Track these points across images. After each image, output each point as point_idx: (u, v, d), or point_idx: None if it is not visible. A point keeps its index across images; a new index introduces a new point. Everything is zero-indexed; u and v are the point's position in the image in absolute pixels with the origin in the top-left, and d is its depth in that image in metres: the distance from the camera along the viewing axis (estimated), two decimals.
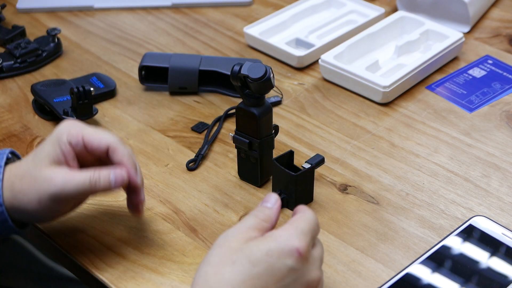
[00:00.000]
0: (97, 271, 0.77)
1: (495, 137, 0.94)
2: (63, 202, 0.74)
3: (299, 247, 0.64)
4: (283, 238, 0.64)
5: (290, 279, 0.64)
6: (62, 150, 0.74)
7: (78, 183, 0.73)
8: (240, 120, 0.84)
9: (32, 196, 0.73)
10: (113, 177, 0.74)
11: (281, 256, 0.63)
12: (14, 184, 0.74)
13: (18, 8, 1.23)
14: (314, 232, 0.67)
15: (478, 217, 0.81)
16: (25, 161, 0.76)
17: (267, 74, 0.79)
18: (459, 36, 1.07)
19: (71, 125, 0.76)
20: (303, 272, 0.64)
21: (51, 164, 0.73)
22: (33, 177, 0.73)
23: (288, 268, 0.63)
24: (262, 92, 0.81)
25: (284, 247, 0.63)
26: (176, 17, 1.21)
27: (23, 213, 0.74)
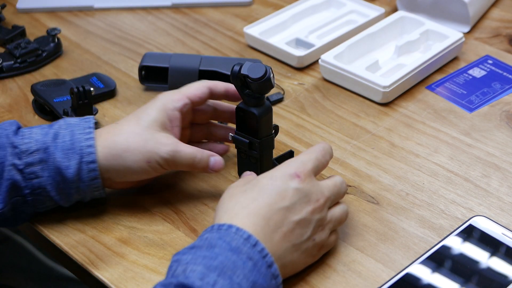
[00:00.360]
0: (97, 271, 0.77)
1: (495, 137, 0.94)
2: (167, 167, 0.80)
3: (297, 171, 0.73)
4: (284, 167, 0.74)
5: (295, 198, 0.72)
6: (169, 116, 0.81)
7: (186, 155, 0.80)
8: (240, 120, 0.84)
9: (141, 156, 0.79)
10: (213, 162, 0.82)
11: (284, 179, 0.72)
12: (117, 143, 0.79)
13: (18, 8, 1.23)
14: (317, 162, 0.76)
15: (478, 217, 0.81)
16: (125, 123, 0.81)
17: (267, 74, 0.79)
18: (459, 36, 1.07)
19: (171, 93, 0.83)
20: (305, 192, 0.72)
21: (160, 129, 0.80)
22: (143, 139, 0.79)
23: (291, 189, 0.72)
24: (262, 92, 0.81)
25: (284, 172, 0.73)
26: (176, 17, 1.21)
27: (122, 171, 0.79)
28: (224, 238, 0.68)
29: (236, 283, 0.65)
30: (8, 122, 0.81)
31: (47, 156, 0.78)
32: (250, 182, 0.73)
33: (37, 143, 0.78)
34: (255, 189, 0.72)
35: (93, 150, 0.78)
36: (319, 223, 0.73)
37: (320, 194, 0.74)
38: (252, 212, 0.70)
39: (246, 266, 0.66)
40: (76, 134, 0.79)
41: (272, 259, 0.68)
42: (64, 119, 0.81)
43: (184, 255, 0.67)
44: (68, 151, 0.78)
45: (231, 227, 0.68)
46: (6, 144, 0.78)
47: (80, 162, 0.78)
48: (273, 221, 0.70)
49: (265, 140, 0.83)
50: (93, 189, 0.80)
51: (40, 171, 0.78)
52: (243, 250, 0.67)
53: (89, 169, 0.78)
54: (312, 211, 0.72)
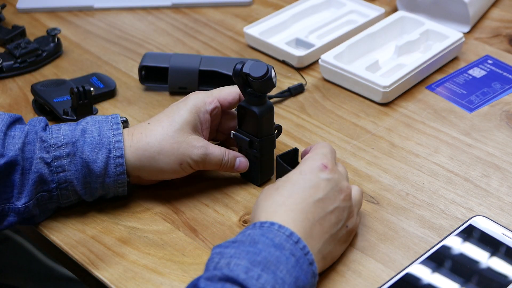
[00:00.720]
0: (97, 271, 0.77)
1: (495, 137, 0.94)
2: (197, 168, 0.82)
3: (324, 162, 0.75)
4: (310, 160, 0.75)
5: (328, 188, 0.73)
6: (201, 119, 0.83)
7: (215, 158, 0.82)
8: (241, 118, 0.84)
9: (174, 158, 0.80)
10: (238, 163, 0.85)
11: (313, 171, 0.74)
12: (150, 144, 0.80)
13: (18, 8, 1.23)
14: (333, 153, 0.78)
15: (478, 217, 0.81)
16: (158, 124, 0.82)
17: (268, 73, 0.79)
18: (459, 36, 1.07)
19: (203, 95, 0.84)
20: (335, 181, 0.74)
21: (191, 132, 0.82)
22: (176, 141, 0.80)
23: (323, 179, 0.73)
24: (264, 91, 0.81)
25: (313, 165, 0.74)
26: (176, 17, 1.21)
27: (153, 171, 0.81)
28: (267, 234, 0.68)
29: (280, 278, 0.65)
30: (36, 119, 0.82)
31: (75, 150, 0.79)
32: (281, 180, 0.75)
33: (66, 138, 0.79)
34: (288, 185, 0.73)
35: (121, 145, 0.79)
36: (350, 210, 0.75)
37: (346, 181, 0.76)
38: (290, 208, 0.71)
39: (289, 262, 0.67)
40: (104, 130, 0.80)
41: (313, 257, 0.69)
42: (91, 116, 0.82)
43: (227, 248, 0.67)
44: (96, 145, 0.79)
45: (273, 224, 0.69)
46: (35, 139, 0.79)
47: (108, 157, 0.79)
48: (311, 214, 0.72)
49: (265, 139, 0.84)
50: (118, 184, 0.81)
51: (68, 164, 0.79)
52: (286, 246, 0.68)
53: (116, 164, 0.79)
54: (344, 198, 0.74)
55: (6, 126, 0.79)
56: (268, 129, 0.84)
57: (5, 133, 0.78)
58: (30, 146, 0.78)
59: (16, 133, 0.79)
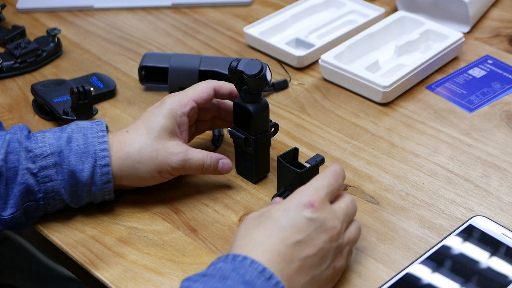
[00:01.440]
0: (97, 271, 0.77)
1: (495, 137, 0.94)
2: (177, 173, 0.82)
3: (311, 200, 0.70)
4: (297, 195, 0.71)
5: (311, 228, 0.69)
6: (178, 123, 0.82)
7: (195, 163, 0.82)
8: (237, 115, 0.84)
9: (153, 166, 0.80)
10: (221, 165, 0.84)
11: (298, 209, 0.69)
12: (129, 154, 0.80)
13: (18, 8, 1.23)
14: (331, 187, 0.72)
15: (478, 217, 0.81)
16: (136, 132, 0.81)
17: (263, 71, 0.79)
18: (459, 36, 1.07)
19: (178, 97, 0.83)
20: (321, 221, 0.69)
21: (169, 138, 0.81)
22: (155, 150, 0.80)
23: (306, 219, 0.69)
24: (258, 89, 0.81)
25: (298, 202, 0.70)
26: (176, 17, 1.21)
27: (134, 179, 0.81)
28: (238, 270, 0.65)
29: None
30: (17, 127, 0.80)
31: (62, 160, 0.78)
32: (264, 215, 0.70)
33: (51, 147, 0.78)
34: (269, 223, 0.69)
35: (107, 153, 0.79)
36: (338, 250, 0.71)
37: (336, 221, 0.71)
38: (267, 249, 0.67)
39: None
40: (90, 137, 0.80)
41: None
42: (76, 123, 0.82)
43: (196, 283, 0.64)
44: (82, 154, 0.79)
45: (246, 259, 0.66)
46: (19, 148, 0.78)
47: (94, 166, 0.79)
48: (289, 256, 0.67)
49: (260, 137, 0.84)
50: (105, 192, 0.81)
51: (54, 174, 0.78)
52: (257, 283, 0.64)
53: (102, 173, 0.79)
54: (329, 239, 0.70)
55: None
56: (263, 127, 0.84)
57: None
58: (13, 155, 0.77)
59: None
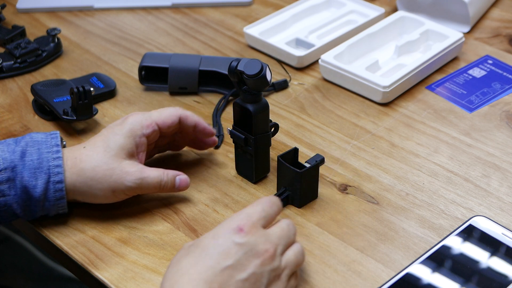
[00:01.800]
0: (97, 271, 0.77)
1: (495, 137, 0.94)
2: (132, 193, 0.81)
3: (241, 224, 0.69)
4: (227, 221, 0.70)
5: (240, 253, 0.67)
6: (137, 143, 0.81)
7: (152, 181, 0.81)
8: (236, 115, 0.84)
9: (106, 185, 0.79)
10: (178, 181, 0.83)
11: (226, 235, 0.68)
12: (84, 170, 0.79)
13: (18, 8, 1.23)
14: (264, 213, 0.71)
15: (478, 217, 0.81)
16: (93, 149, 0.80)
17: (263, 71, 0.79)
18: (459, 36, 1.07)
19: (141, 117, 0.82)
20: (251, 245, 0.68)
21: (126, 157, 0.80)
22: (110, 168, 0.79)
23: (235, 244, 0.67)
24: (258, 89, 0.81)
25: (227, 228, 0.69)
26: (176, 17, 1.21)
27: (87, 196, 0.80)
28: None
29: None
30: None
31: (15, 175, 0.78)
32: (194, 243, 0.69)
33: (5, 162, 0.78)
34: (197, 251, 0.68)
35: (61, 170, 0.78)
36: (274, 273, 0.69)
37: (268, 244, 0.69)
38: (193, 277, 0.66)
39: None
40: (44, 152, 0.79)
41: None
42: (30, 135, 0.81)
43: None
44: (35, 170, 0.78)
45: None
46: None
47: (48, 182, 0.78)
48: (217, 284, 0.66)
49: (260, 137, 0.84)
50: (58, 207, 0.80)
51: (7, 189, 0.78)
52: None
53: (56, 189, 0.78)
54: (261, 263, 0.68)
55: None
56: (263, 127, 0.84)
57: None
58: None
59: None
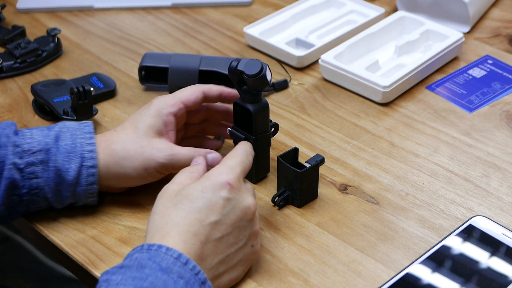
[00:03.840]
0: (97, 271, 0.77)
1: (495, 137, 0.94)
2: (165, 171, 0.82)
3: (229, 179, 0.72)
4: (214, 175, 0.72)
5: (228, 208, 0.71)
6: (164, 121, 0.82)
7: (183, 158, 0.81)
8: (236, 115, 0.84)
9: (138, 163, 0.80)
10: (211, 159, 0.82)
11: (215, 190, 0.71)
12: (116, 151, 0.80)
13: (18, 8, 1.23)
14: (243, 164, 0.75)
15: (478, 217, 0.81)
16: (123, 131, 0.82)
17: (263, 71, 0.79)
18: (459, 36, 1.07)
19: (165, 98, 0.84)
20: (238, 200, 0.72)
21: (155, 135, 0.81)
22: (140, 146, 0.80)
23: (223, 199, 0.71)
24: (258, 89, 0.81)
25: (216, 182, 0.71)
26: (176, 17, 1.21)
27: (120, 178, 0.81)
28: (154, 258, 0.66)
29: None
30: (5, 123, 0.81)
31: (49, 157, 0.78)
32: (181, 193, 0.72)
33: (40, 144, 0.79)
34: (186, 203, 0.70)
35: (94, 155, 0.79)
36: (254, 228, 0.73)
37: (250, 198, 0.73)
38: (183, 230, 0.69)
39: (177, 285, 0.65)
40: (77, 138, 0.80)
41: (205, 275, 0.67)
42: (64, 123, 0.82)
43: (114, 275, 0.65)
44: (69, 154, 0.79)
45: (161, 247, 0.67)
46: (7, 143, 0.78)
47: (81, 166, 0.79)
48: (205, 236, 0.69)
49: (260, 137, 0.84)
50: (88, 194, 0.81)
51: (41, 171, 0.78)
52: (174, 269, 0.66)
53: (89, 174, 0.79)
54: (246, 218, 0.72)
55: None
56: (263, 127, 0.84)
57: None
58: (2, 149, 0.78)
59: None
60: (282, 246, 0.79)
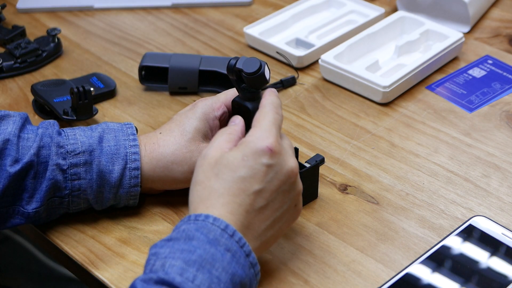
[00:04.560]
0: (97, 271, 0.77)
1: (495, 137, 0.94)
2: None
3: (269, 144, 0.70)
4: (253, 142, 0.71)
5: (271, 174, 0.70)
6: (210, 126, 0.82)
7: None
8: (235, 113, 0.84)
9: (187, 167, 0.80)
10: None
11: (256, 157, 0.70)
12: (164, 155, 0.80)
13: (18, 8, 1.23)
14: (276, 121, 0.73)
15: (478, 217, 0.81)
16: (170, 133, 0.81)
17: (261, 69, 0.79)
18: (459, 36, 1.07)
19: (210, 101, 0.83)
20: (280, 164, 0.71)
21: (202, 140, 0.81)
22: (189, 150, 0.80)
23: (265, 165, 0.70)
24: (256, 86, 0.81)
25: (256, 149, 0.70)
26: (176, 17, 1.21)
27: (167, 181, 0.81)
28: (202, 229, 0.67)
29: (216, 277, 0.65)
30: (47, 122, 0.81)
31: (92, 159, 0.78)
32: (221, 162, 0.71)
33: (83, 145, 0.79)
34: (228, 173, 0.70)
35: (138, 157, 0.79)
36: (299, 188, 0.74)
37: (291, 159, 0.72)
38: (228, 200, 0.69)
39: (224, 259, 0.66)
40: (121, 140, 0.80)
41: (249, 248, 0.68)
42: (105, 123, 0.82)
43: (162, 248, 0.66)
44: (113, 155, 0.79)
45: (208, 217, 0.68)
46: (51, 143, 0.78)
47: (124, 168, 0.79)
48: (250, 205, 0.70)
49: None
50: (130, 196, 0.81)
51: (84, 173, 0.78)
52: (221, 241, 0.67)
53: (132, 176, 0.79)
54: (291, 181, 0.72)
55: (19, 128, 0.78)
56: None
57: (18, 136, 0.78)
58: (45, 150, 0.78)
59: (29, 135, 0.78)
60: (282, 246, 0.79)
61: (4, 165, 0.76)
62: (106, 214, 0.84)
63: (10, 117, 0.79)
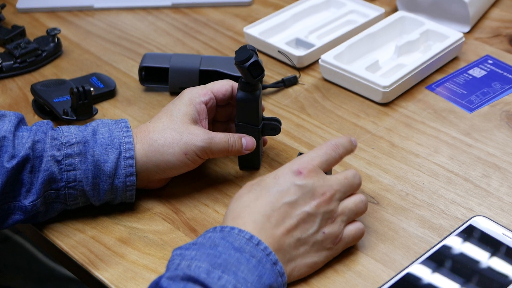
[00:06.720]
0: (97, 271, 0.77)
1: (495, 137, 0.94)
2: (204, 155, 0.82)
3: (300, 167, 0.74)
4: (289, 164, 0.75)
5: (298, 194, 0.73)
6: (197, 110, 0.84)
7: (220, 141, 0.83)
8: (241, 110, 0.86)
9: (178, 148, 0.81)
10: (245, 142, 0.85)
11: (286, 176, 0.74)
12: (154, 139, 0.81)
13: (18, 8, 1.23)
14: (326, 156, 0.76)
15: (478, 217, 0.81)
16: (160, 120, 0.83)
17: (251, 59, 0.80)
18: (459, 36, 1.07)
19: (197, 88, 0.86)
20: (309, 187, 0.73)
21: (191, 123, 0.83)
22: (178, 132, 0.81)
23: (293, 184, 0.73)
24: (247, 78, 0.82)
25: (288, 170, 0.74)
26: (176, 17, 1.21)
27: (160, 165, 0.81)
28: (227, 238, 0.69)
29: (242, 278, 0.66)
30: (41, 122, 0.82)
31: (86, 149, 0.80)
32: (257, 182, 0.75)
33: (77, 137, 0.80)
34: (258, 189, 0.74)
35: (132, 146, 0.80)
36: (327, 216, 0.74)
37: (326, 188, 0.74)
38: (253, 210, 0.72)
39: (250, 262, 0.67)
40: (114, 131, 0.81)
41: (276, 257, 0.69)
42: (100, 120, 0.83)
43: (188, 250, 0.68)
44: (107, 146, 0.80)
45: (233, 229, 0.70)
46: (45, 138, 0.79)
47: (118, 157, 0.80)
48: (274, 218, 0.72)
49: (245, 126, 0.85)
50: (127, 187, 0.81)
51: (78, 163, 0.79)
52: (246, 249, 0.68)
53: (126, 165, 0.80)
54: (317, 205, 0.73)
55: (14, 126, 0.79)
56: (250, 118, 0.85)
57: (13, 133, 0.79)
58: (40, 144, 0.79)
59: (24, 133, 0.79)
60: None
61: (1, 162, 0.77)
62: (106, 214, 0.84)
63: (6, 116, 0.81)
